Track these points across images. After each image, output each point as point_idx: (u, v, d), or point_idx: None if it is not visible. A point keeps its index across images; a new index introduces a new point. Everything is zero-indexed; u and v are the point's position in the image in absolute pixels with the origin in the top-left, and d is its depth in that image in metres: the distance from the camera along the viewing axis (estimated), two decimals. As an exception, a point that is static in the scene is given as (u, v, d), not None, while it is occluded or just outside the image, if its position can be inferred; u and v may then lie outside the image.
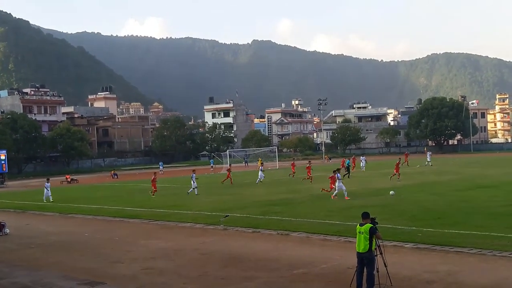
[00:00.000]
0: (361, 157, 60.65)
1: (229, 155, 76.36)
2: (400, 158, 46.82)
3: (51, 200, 36.65)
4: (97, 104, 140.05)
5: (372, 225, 11.43)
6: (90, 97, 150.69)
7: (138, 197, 37.32)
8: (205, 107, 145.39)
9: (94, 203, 34.46)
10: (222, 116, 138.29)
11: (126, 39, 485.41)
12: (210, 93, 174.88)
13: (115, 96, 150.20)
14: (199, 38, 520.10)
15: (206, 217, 24.85)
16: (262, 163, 55.38)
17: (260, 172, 44.95)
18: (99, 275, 14.50)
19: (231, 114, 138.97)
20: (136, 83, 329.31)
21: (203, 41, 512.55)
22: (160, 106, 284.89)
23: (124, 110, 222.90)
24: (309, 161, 48.57)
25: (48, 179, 39.54)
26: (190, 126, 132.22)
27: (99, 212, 29.58)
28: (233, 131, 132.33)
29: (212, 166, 77.63)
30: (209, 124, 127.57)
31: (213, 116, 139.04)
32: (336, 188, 29.60)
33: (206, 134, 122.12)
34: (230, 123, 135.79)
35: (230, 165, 52.95)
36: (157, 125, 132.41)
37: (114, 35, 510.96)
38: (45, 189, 37.23)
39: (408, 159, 61.30)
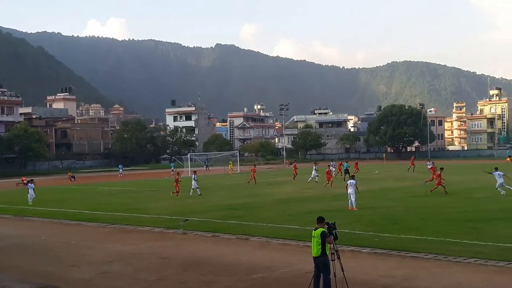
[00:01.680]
0: (331, 162, 61.32)
1: (190, 158, 75.94)
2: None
3: (30, 202, 34.86)
4: (56, 105, 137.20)
5: (323, 230, 11.50)
6: (49, 97, 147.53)
7: (96, 200, 36.74)
8: (167, 110, 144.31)
9: (51, 206, 33.73)
10: (184, 120, 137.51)
11: (87, 40, 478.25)
12: (172, 96, 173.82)
13: (74, 97, 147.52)
14: (162, 40, 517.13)
15: (165, 221, 24.65)
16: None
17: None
18: (55, 279, 14.24)
19: (193, 117, 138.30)
20: (96, 84, 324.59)
21: (166, 43, 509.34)
22: (121, 108, 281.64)
23: (83, 111, 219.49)
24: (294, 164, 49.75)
25: (32, 180, 37.83)
26: (151, 129, 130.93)
27: (55, 215, 29.00)
28: (194, 135, 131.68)
29: (172, 170, 76.93)
30: (170, 127, 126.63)
31: (175, 119, 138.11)
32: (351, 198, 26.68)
33: (167, 137, 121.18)
34: (192, 126, 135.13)
35: (255, 165, 54.11)
36: (118, 128, 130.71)
37: (75, 35, 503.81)
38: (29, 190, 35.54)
39: (358, 167, 61.39)
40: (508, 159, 79.12)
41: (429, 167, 50.00)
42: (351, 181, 27.18)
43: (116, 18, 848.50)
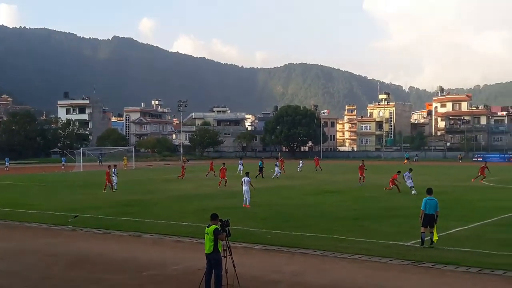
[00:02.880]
0: (300, 160, 63.82)
1: (82, 153, 73.43)
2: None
3: None
4: None
5: (216, 227, 11.60)
6: None
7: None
8: (59, 102, 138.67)
9: None
10: (77, 113, 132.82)
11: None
12: (66, 88, 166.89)
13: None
14: (55, 30, 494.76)
15: (53, 217, 23.68)
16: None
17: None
18: None
19: (87, 111, 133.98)
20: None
21: (60, 33, 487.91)
22: (9, 99, 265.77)
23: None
24: (223, 164, 49.25)
25: None
26: (41, 122, 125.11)
27: None
28: (88, 129, 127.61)
29: (63, 164, 74.11)
30: (62, 120, 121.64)
31: (67, 112, 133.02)
32: None
33: (59, 131, 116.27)
34: (86, 120, 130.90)
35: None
36: (5, 119, 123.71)
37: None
38: None
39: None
40: (406, 161, 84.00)
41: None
42: (246, 178, 27.45)
43: (6, 4, 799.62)
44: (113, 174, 36.82)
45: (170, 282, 12.76)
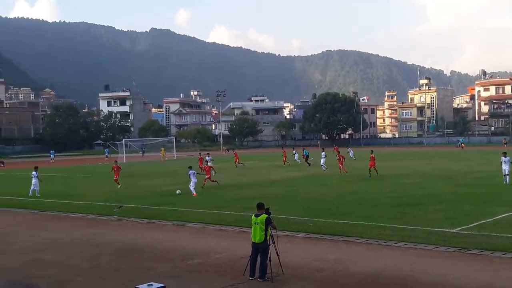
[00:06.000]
0: (348, 148, 63.23)
1: (125, 144, 74.72)
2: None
3: (37, 194, 29.84)
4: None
5: (267, 216, 11.68)
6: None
7: (26, 186, 35.46)
8: (100, 95, 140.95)
9: (-23, 193, 32.46)
10: (118, 105, 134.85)
11: (16, 21, 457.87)
12: (106, 81, 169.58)
13: (3, 80, 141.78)
14: (94, 23, 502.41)
15: (99, 208, 24.21)
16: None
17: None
18: (-19, 268, 13.72)
19: (128, 103, 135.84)
20: (26, 68, 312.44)
21: (99, 26, 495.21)
22: (52, 93, 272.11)
23: (12, 95, 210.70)
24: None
25: (36, 168, 31.18)
26: (84, 114, 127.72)
27: (-18, 203, 27.92)
28: (129, 120, 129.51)
29: (107, 156, 75.57)
30: (104, 113, 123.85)
31: (109, 104, 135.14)
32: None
33: (101, 123, 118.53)
34: (127, 112, 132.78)
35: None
36: (49, 112, 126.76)
37: (3, 16, 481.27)
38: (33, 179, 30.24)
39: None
40: (463, 145, 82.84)
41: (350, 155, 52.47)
42: (192, 171, 28.84)
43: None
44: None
45: (214, 270, 12.89)
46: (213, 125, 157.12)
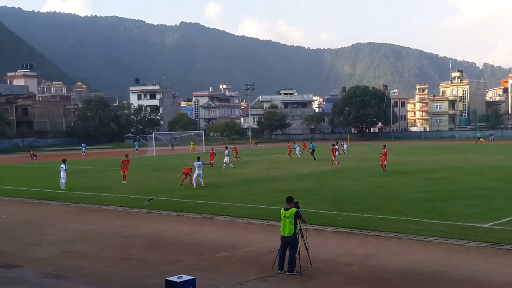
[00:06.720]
0: (342, 142, 61.75)
1: (154, 137, 75.34)
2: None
3: (62, 187, 30.03)
4: (17, 82, 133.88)
5: (297, 210, 11.64)
6: (9, 74, 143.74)
7: (58, 179, 36.11)
8: (131, 88, 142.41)
9: (12, 185, 33.15)
10: (148, 98, 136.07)
11: (48, 16, 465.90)
12: (136, 75, 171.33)
13: (35, 74, 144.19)
14: (125, 17, 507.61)
15: (129, 200, 24.47)
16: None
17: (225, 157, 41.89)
18: (16, 258, 14.00)
19: (158, 96, 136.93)
20: (58, 61, 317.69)
21: (129, 20, 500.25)
22: (84, 86, 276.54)
23: (45, 89, 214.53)
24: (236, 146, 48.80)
25: (64, 160, 31.42)
26: (114, 108, 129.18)
27: (16, 194, 28.49)
28: (159, 114, 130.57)
29: (137, 149, 76.35)
30: (134, 106, 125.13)
31: (139, 98, 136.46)
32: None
33: (131, 116, 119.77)
34: (157, 105, 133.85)
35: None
36: (80, 106, 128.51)
37: (36, 10, 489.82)
38: (61, 172, 30.41)
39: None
40: (482, 140, 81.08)
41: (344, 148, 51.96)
42: (198, 162, 28.97)
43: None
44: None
45: (243, 263, 12.91)
46: (242, 119, 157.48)
